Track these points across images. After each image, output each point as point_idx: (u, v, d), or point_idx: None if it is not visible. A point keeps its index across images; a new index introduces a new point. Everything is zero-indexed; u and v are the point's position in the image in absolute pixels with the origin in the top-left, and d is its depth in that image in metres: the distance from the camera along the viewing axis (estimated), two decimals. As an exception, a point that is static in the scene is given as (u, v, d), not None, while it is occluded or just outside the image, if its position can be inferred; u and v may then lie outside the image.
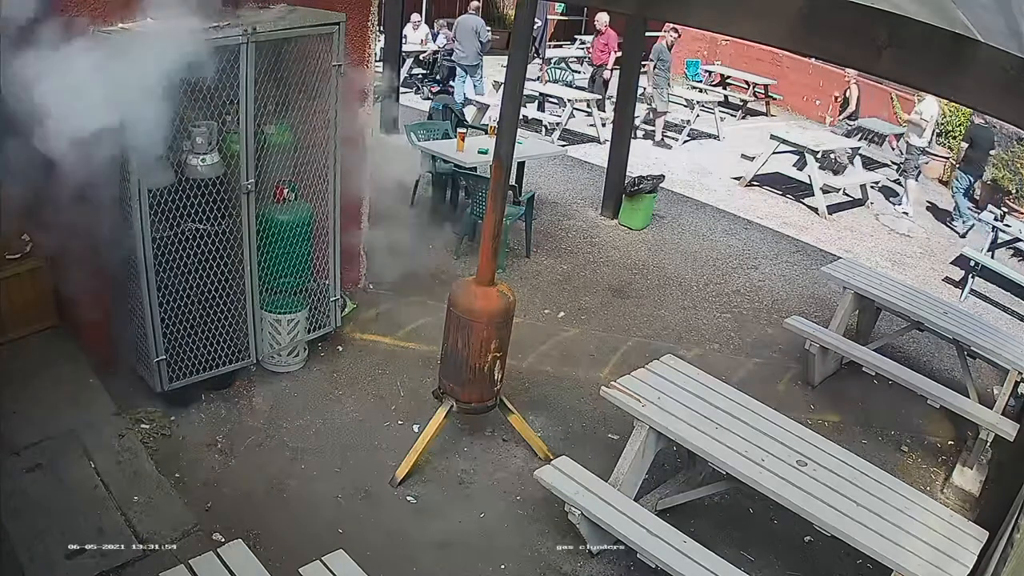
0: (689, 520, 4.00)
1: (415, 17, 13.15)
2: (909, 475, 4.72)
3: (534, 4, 4.18)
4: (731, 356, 5.87)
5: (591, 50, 12.33)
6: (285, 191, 4.61)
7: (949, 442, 5.15)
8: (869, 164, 10.89)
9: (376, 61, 7.36)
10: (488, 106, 10.77)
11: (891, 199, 10.25)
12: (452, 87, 12.16)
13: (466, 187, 7.20)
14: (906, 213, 9.85)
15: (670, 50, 11.26)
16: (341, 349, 5.24)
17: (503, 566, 3.73)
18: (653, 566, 3.47)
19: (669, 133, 11.80)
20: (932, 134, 10.05)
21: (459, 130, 7.72)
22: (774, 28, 2.48)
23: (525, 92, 5.46)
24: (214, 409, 4.49)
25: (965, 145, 9.62)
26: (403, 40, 11.36)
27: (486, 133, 7.92)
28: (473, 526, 3.96)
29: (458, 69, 11.65)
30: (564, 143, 10.35)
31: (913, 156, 9.79)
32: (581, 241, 7.58)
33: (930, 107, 9.63)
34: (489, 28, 11.79)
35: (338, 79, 4.55)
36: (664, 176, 8.30)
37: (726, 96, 14.54)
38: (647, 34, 8.86)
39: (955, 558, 3.26)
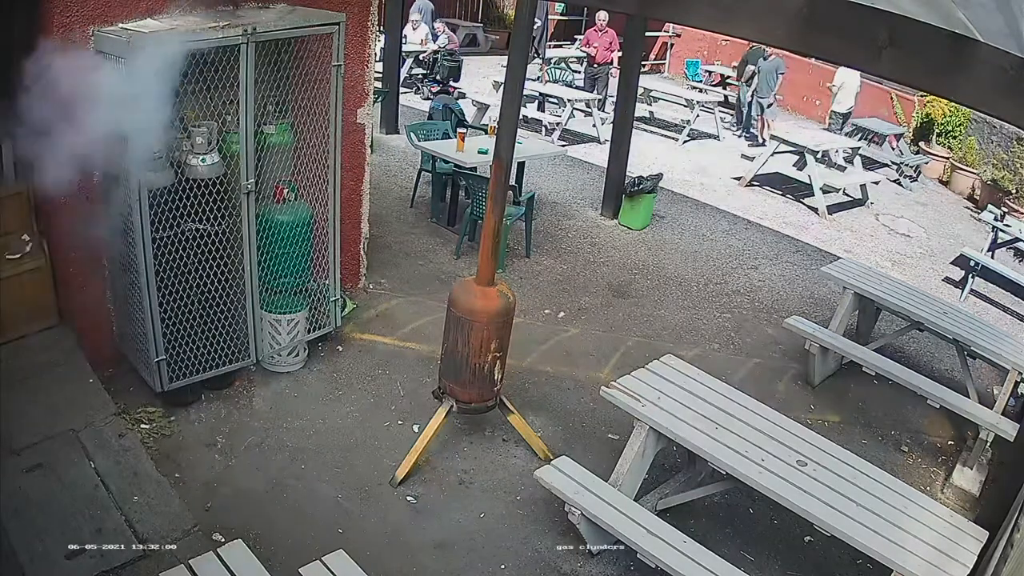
0: (689, 520, 4.00)
1: (415, 17, 13.15)
2: (909, 475, 4.72)
3: (534, 4, 4.18)
4: (731, 356, 5.87)
5: (594, 46, 12.22)
6: (285, 191, 4.61)
7: (949, 442, 5.16)
8: (869, 164, 10.90)
9: (376, 61, 7.35)
10: (488, 106, 10.78)
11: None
12: (452, 87, 12.17)
13: (466, 187, 7.20)
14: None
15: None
16: (341, 349, 5.24)
17: (503, 566, 3.73)
18: (653, 566, 3.47)
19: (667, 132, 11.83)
20: (854, 101, 11.34)
21: (459, 130, 7.72)
22: (774, 28, 2.48)
23: (525, 92, 5.45)
24: (214, 409, 4.49)
25: (751, 68, 11.79)
26: (403, 40, 11.36)
27: (486, 133, 7.92)
28: (473, 526, 3.96)
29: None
30: (564, 143, 10.35)
31: (835, 121, 11.21)
32: (581, 241, 7.58)
33: (841, 75, 11.08)
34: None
35: (338, 79, 4.55)
36: (662, 175, 8.30)
37: (726, 96, 14.54)
38: (647, 33, 8.85)
39: (955, 558, 3.26)
